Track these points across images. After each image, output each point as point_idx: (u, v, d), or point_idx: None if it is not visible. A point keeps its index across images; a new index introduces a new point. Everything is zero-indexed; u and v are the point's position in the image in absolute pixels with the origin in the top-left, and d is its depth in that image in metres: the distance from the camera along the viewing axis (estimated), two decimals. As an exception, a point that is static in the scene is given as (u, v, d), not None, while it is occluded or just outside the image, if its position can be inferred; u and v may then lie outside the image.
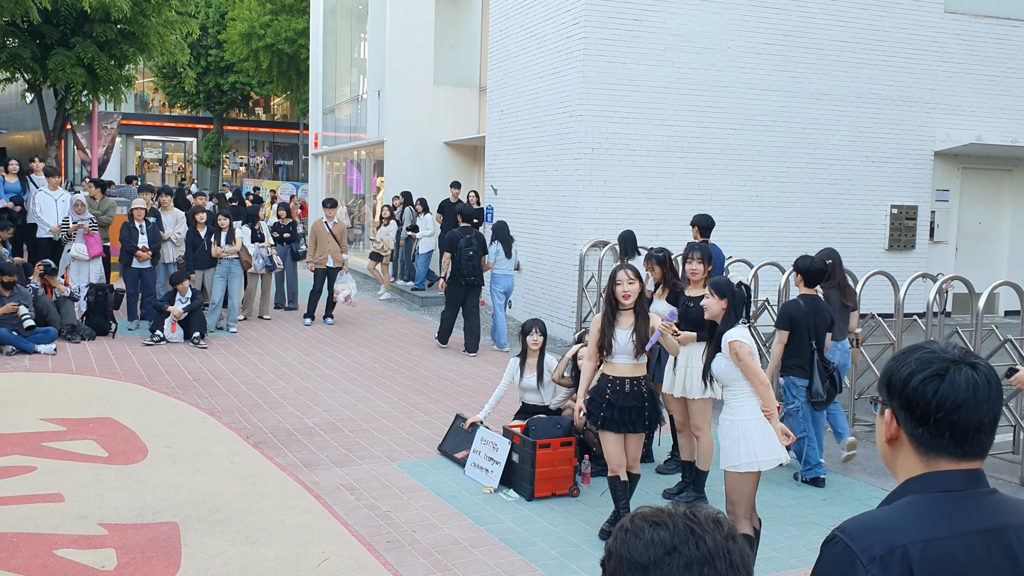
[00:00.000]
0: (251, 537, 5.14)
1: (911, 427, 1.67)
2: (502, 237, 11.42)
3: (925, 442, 1.66)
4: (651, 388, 5.42)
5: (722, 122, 12.35)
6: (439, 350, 11.24)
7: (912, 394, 1.65)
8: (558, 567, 4.97)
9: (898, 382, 1.69)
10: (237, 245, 11.85)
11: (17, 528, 5.15)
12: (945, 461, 1.66)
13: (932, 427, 1.64)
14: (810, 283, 6.63)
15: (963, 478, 1.66)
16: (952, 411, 1.63)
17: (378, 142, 18.62)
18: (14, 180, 13.21)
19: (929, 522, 1.61)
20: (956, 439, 1.64)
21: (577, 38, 11.79)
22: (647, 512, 1.43)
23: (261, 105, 44.29)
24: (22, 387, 8.52)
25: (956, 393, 1.63)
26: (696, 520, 1.39)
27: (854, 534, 1.62)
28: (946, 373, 1.64)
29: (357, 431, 7.50)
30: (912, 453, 1.69)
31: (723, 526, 1.39)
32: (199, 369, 9.60)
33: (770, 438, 4.68)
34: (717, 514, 1.42)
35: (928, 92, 13.42)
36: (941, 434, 1.64)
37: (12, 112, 36.48)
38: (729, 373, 4.78)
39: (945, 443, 1.65)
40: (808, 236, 12.93)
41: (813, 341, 6.38)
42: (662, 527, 1.38)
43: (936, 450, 1.66)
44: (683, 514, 1.40)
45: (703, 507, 1.43)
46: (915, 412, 1.65)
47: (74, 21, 18.24)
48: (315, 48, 24.82)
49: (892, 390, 1.70)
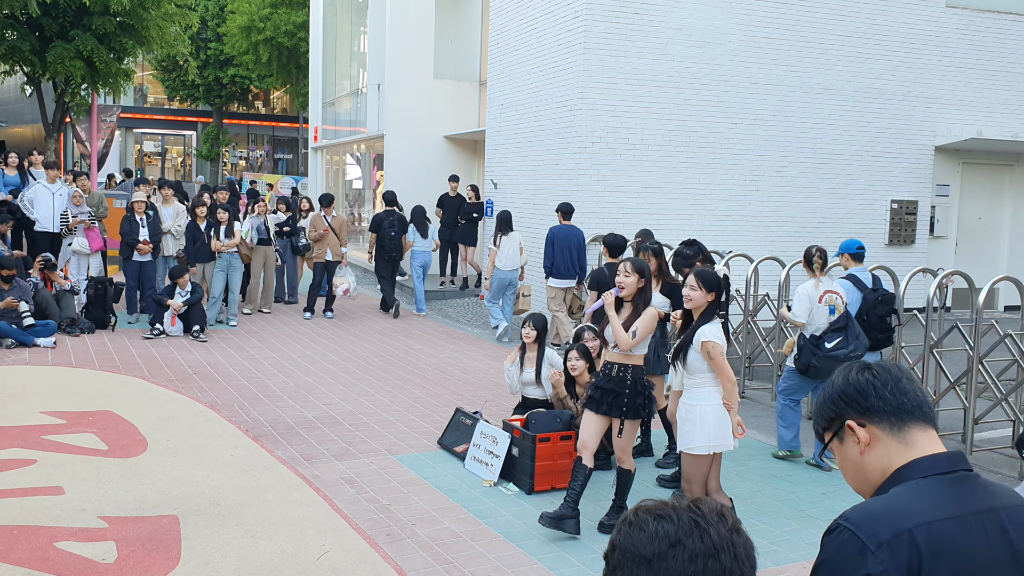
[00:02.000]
0: (251, 530, 5.15)
1: (876, 410, 1.77)
2: (418, 220, 13.17)
3: (895, 414, 1.76)
4: (640, 379, 5.35)
5: (723, 116, 12.33)
6: (440, 344, 11.24)
7: (858, 384, 1.80)
8: (558, 560, 4.98)
9: (839, 391, 1.83)
10: (236, 239, 11.84)
11: (17, 521, 5.16)
12: (917, 429, 1.76)
13: (891, 397, 1.77)
14: (614, 255, 8.13)
15: (948, 460, 1.72)
16: (898, 379, 1.80)
17: (378, 136, 18.60)
18: (13, 173, 13.20)
19: (929, 505, 1.64)
20: (912, 400, 1.78)
21: (578, 32, 11.77)
22: (651, 505, 1.42)
23: (261, 98, 44.23)
24: (22, 380, 8.52)
25: (887, 371, 1.82)
26: (700, 513, 1.38)
27: (859, 522, 1.64)
28: (868, 366, 1.85)
29: (357, 425, 7.51)
30: (889, 440, 1.76)
31: (727, 519, 1.39)
32: (199, 363, 9.59)
33: (724, 425, 4.92)
34: (721, 507, 1.42)
35: (929, 87, 13.40)
36: (902, 399, 1.77)
37: (11, 105, 36.42)
38: (696, 365, 4.95)
39: (909, 406, 1.77)
40: (808, 230, 12.93)
41: None
42: (666, 520, 1.38)
43: (905, 417, 1.76)
44: (687, 507, 1.40)
45: (707, 500, 1.43)
46: (869, 397, 1.78)
47: (73, 14, 18.19)
48: (315, 41, 24.76)
49: (840, 401, 1.82)
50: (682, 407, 5.02)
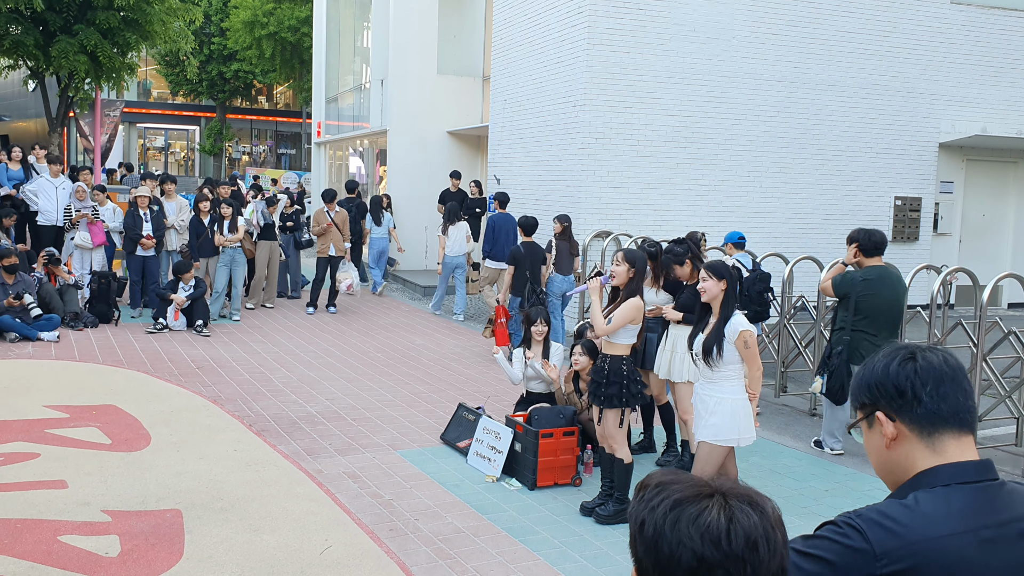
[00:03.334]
0: (254, 525, 5.15)
1: (908, 412, 1.68)
2: (373, 210, 14.33)
3: (928, 419, 1.67)
4: (617, 368, 5.41)
5: (726, 112, 12.31)
6: (442, 339, 11.24)
7: (896, 379, 1.69)
8: (560, 556, 4.98)
9: (877, 380, 1.72)
10: (240, 233, 11.85)
11: (21, 514, 5.17)
12: (949, 437, 1.67)
13: (929, 402, 1.67)
14: (528, 234, 9.99)
15: (975, 468, 1.66)
16: (940, 382, 1.68)
17: (381, 131, 18.59)
18: (17, 168, 13.21)
19: (946, 515, 1.60)
20: (953, 409, 1.68)
21: (581, 27, 11.75)
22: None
23: (264, 94, 44.22)
24: (25, 374, 8.53)
25: (933, 368, 1.69)
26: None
27: (871, 524, 1.61)
28: (915, 356, 1.71)
29: (360, 420, 7.51)
30: (916, 443, 1.68)
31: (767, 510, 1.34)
32: (202, 357, 9.60)
33: (749, 418, 5.00)
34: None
35: (933, 83, 13.37)
36: (938, 405, 1.67)
37: (15, 99, 36.44)
38: (730, 356, 4.98)
39: (946, 414, 1.67)
40: (811, 227, 12.91)
41: (528, 272, 9.84)
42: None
43: (938, 424, 1.67)
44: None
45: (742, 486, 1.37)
46: (907, 394, 1.68)
47: (77, 8, 18.18)
48: (318, 36, 24.74)
49: (875, 389, 1.72)
50: (708, 400, 5.03)
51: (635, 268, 5.43)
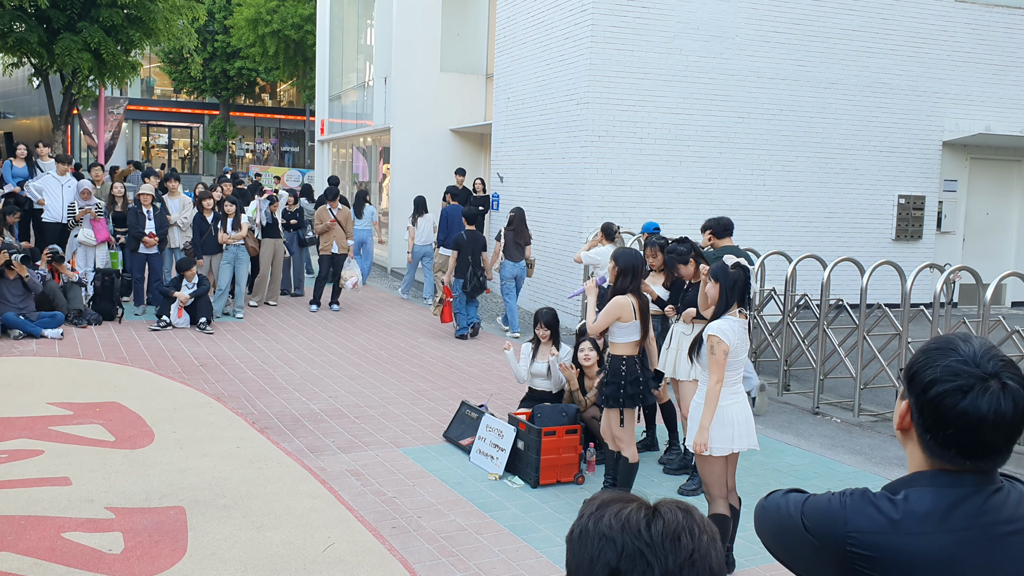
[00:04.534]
0: (257, 522, 5.17)
1: (920, 430, 1.61)
2: (357, 203, 14.71)
3: (928, 446, 1.61)
4: (617, 368, 5.39)
5: (730, 110, 12.30)
6: (445, 337, 11.25)
7: (929, 404, 1.57)
8: (563, 554, 4.98)
9: (919, 384, 1.60)
10: (243, 231, 11.86)
11: (25, 511, 5.18)
12: (949, 467, 1.60)
13: (940, 439, 1.57)
14: (471, 223, 11.18)
15: (974, 481, 1.59)
16: (964, 430, 1.54)
17: (384, 129, 18.59)
18: (22, 165, 13.24)
19: (928, 516, 1.57)
20: (963, 454, 1.57)
21: (585, 25, 11.74)
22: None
23: (267, 91, 44.24)
24: (29, 371, 8.55)
25: (975, 414, 1.53)
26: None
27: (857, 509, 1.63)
28: (970, 391, 1.53)
29: (363, 417, 7.52)
30: (918, 449, 1.65)
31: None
32: (205, 354, 9.62)
33: (742, 424, 4.73)
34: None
35: (937, 81, 13.35)
36: (949, 448, 1.57)
37: (19, 97, 36.50)
38: (706, 360, 4.83)
39: (951, 456, 1.58)
40: (815, 225, 12.90)
41: (470, 257, 10.90)
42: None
43: (937, 456, 1.60)
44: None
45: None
46: (927, 421, 1.58)
47: (81, 6, 18.21)
48: (321, 34, 24.74)
49: (912, 387, 1.62)
50: (694, 406, 4.87)
51: (618, 266, 5.39)
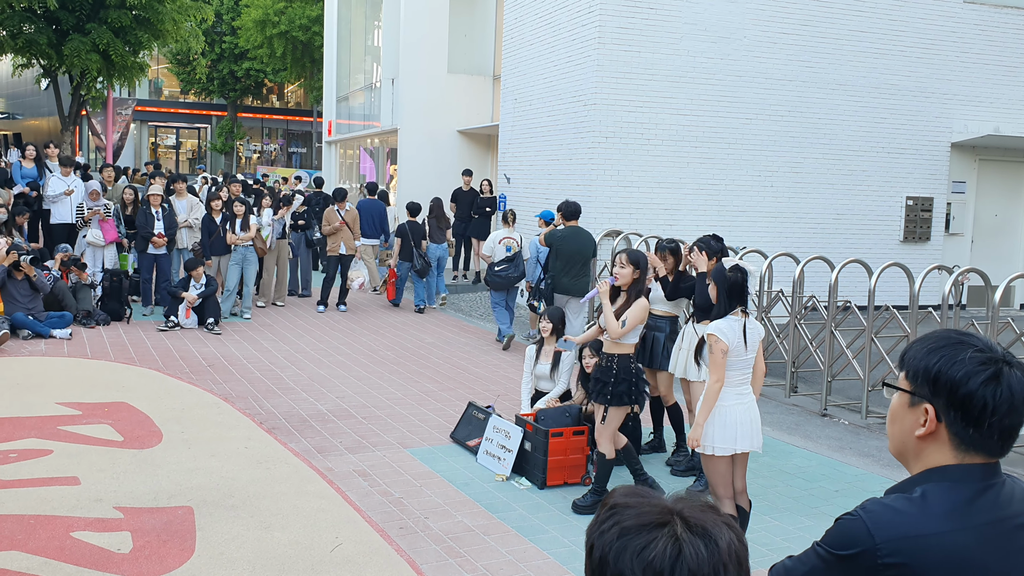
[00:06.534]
0: (265, 522, 5.18)
1: (960, 427, 1.63)
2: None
3: (971, 441, 1.63)
4: (626, 367, 5.45)
5: (737, 112, 12.29)
6: (452, 338, 11.26)
7: (969, 398, 1.61)
8: (570, 555, 4.99)
9: (950, 382, 1.62)
10: (252, 232, 11.89)
11: (34, 510, 5.20)
12: (980, 458, 1.65)
13: (985, 430, 1.61)
14: (413, 215, 12.72)
15: (983, 472, 1.65)
16: (1007, 415, 1.61)
17: (391, 130, 18.62)
18: (31, 165, 13.29)
19: (949, 511, 1.61)
20: (1003, 440, 1.63)
21: (592, 26, 11.74)
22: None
23: (275, 92, 44.35)
24: (38, 371, 8.59)
25: (1013, 397, 1.61)
26: None
27: (875, 515, 1.63)
28: (1000, 376, 1.61)
29: (370, 418, 7.53)
30: (947, 449, 1.65)
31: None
32: (213, 355, 9.64)
33: (746, 424, 4.71)
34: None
35: (946, 83, 13.31)
36: (992, 436, 1.62)
37: (28, 98, 36.65)
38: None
39: (992, 444, 1.63)
40: (823, 227, 12.88)
41: (412, 243, 12.48)
42: None
43: (979, 449, 1.64)
44: None
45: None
46: (971, 415, 1.61)
47: (90, 7, 18.28)
48: (329, 35, 24.80)
49: (940, 389, 1.63)
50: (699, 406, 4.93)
51: (639, 269, 5.43)
